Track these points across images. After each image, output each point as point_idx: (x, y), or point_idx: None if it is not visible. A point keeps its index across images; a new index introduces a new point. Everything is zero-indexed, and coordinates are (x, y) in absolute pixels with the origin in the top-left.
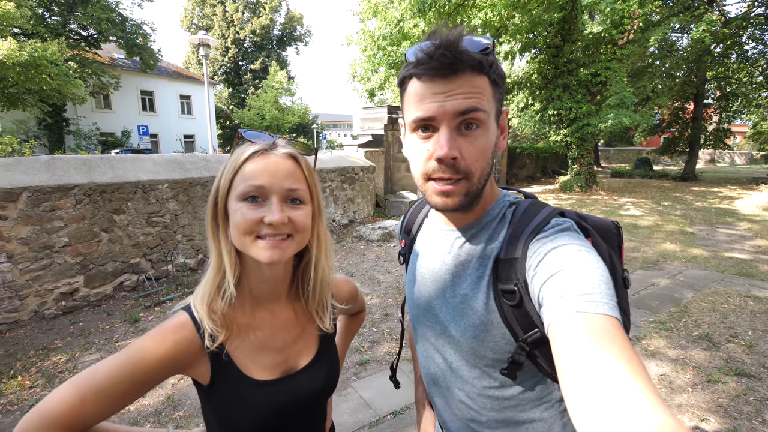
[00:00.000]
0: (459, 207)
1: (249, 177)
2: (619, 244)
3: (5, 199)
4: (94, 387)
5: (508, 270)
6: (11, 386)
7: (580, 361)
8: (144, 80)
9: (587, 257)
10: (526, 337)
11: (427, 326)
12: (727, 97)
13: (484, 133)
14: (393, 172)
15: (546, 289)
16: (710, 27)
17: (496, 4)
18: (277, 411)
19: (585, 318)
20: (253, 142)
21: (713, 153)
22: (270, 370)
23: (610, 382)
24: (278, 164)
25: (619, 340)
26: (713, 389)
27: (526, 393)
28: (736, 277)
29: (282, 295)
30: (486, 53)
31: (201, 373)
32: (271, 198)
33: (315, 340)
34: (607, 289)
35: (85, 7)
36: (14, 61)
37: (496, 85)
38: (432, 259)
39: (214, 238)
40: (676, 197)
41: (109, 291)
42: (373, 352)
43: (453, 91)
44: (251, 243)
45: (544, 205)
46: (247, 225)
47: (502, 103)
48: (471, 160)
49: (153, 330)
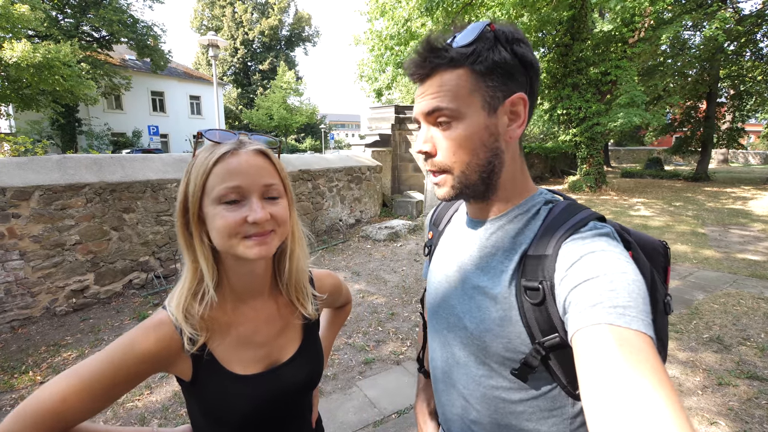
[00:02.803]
0: (455, 197)
1: (224, 179)
2: (665, 266)
3: (18, 198)
4: (75, 386)
5: (535, 267)
6: (23, 381)
7: (607, 379)
8: (154, 81)
9: (626, 267)
10: (543, 340)
11: (442, 318)
12: (741, 95)
13: (459, 127)
14: (400, 172)
15: (575, 295)
16: (723, 24)
17: (505, 3)
18: (262, 405)
19: (616, 332)
20: (216, 143)
21: (726, 153)
22: (253, 365)
23: (639, 406)
24: (250, 162)
25: (651, 360)
26: (724, 392)
27: (536, 401)
28: (748, 278)
29: (264, 290)
30: (469, 45)
31: (183, 371)
32: (250, 197)
33: (298, 334)
34: (643, 304)
35: (97, 10)
36: (28, 62)
37: (482, 74)
38: (456, 250)
39: (187, 244)
40: (687, 198)
41: (119, 288)
42: (378, 351)
43: (424, 93)
44: (237, 243)
45: (583, 207)
46: (231, 228)
47: (509, 89)
48: (445, 155)
49: (134, 328)
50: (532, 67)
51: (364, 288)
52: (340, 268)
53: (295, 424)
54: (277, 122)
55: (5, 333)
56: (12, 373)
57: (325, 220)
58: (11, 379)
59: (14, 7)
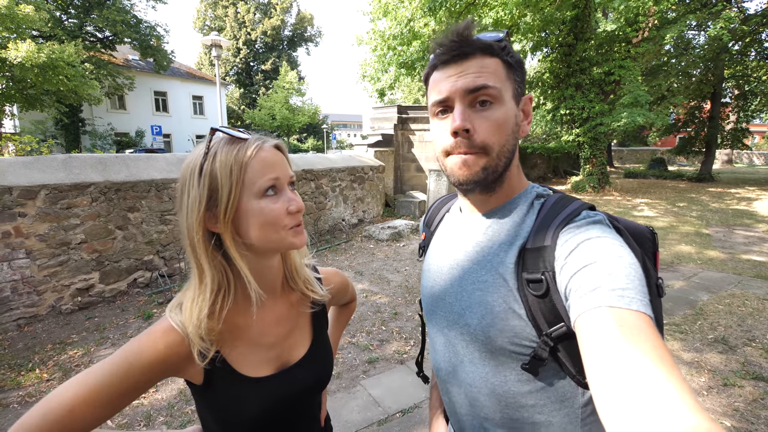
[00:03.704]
0: (478, 180)
1: (264, 171)
2: (654, 252)
3: (24, 197)
4: (83, 395)
5: (535, 259)
6: (29, 378)
7: (610, 359)
8: (157, 81)
9: (621, 251)
10: (550, 331)
11: (441, 316)
12: (746, 95)
13: (500, 109)
14: (403, 172)
15: (576, 281)
16: (728, 24)
17: (508, 3)
18: (273, 406)
19: (616, 313)
20: (241, 138)
21: (731, 153)
22: (264, 366)
23: (643, 382)
24: (276, 156)
25: (652, 338)
26: (729, 393)
27: (545, 392)
28: (753, 279)
29: (277, 288)
30: (500, 40)
31: (193, 375)
32: (284, 188)
33: (308, 334)
34: (640, 285)
35: (101, 10)
36: (33, 63)
37: (511, 67)
38: (451, 246)
39: (207, 255)
40: (691, 198)
41: (124, 287)
42: (382, 350)
43: (464, 72)
44: (286, 234)
45: (574, 199)
46: (279, 219)
47: (523, 89)
48: (486, 134)
49: (142, 334)
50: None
51: (368, 288)
52: (343, 267)
53: (305, 423)
54: (279, 122)
55: (12, 331)
56: (19, 370)
57: (328, 219)
58: (18, 377)
59: (19, 7)
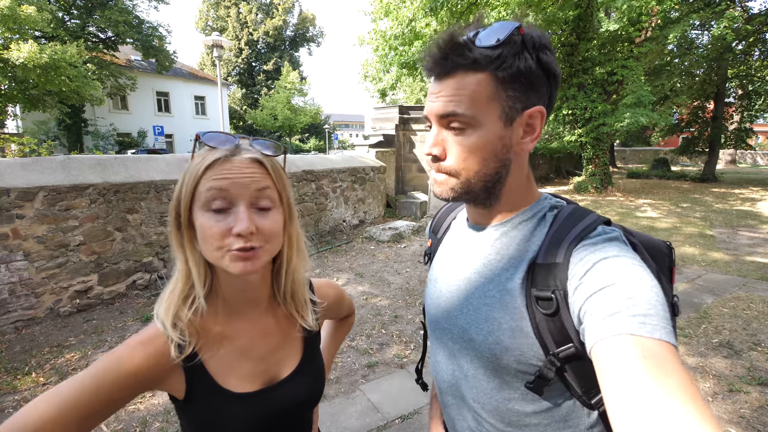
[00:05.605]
0: (453, 198)
1: (212, 185)
2: (670, 267)
3: (22, 199)
4: (50, 415)
5: (546, 276)
6: (26, 382)
7: (635, 398)
8: (160, 81)
9: (642, 273)
10: (557, 351)
11: (446, 329)
12: (750, 95)
13: (474, 134)
14: (404, 173)
15: (592, 304)
16: (732, 24)
17: (510, 3)
18: (259, 425)
19: (638, 342)
20: (213, 147)
21: (734, 153)
22: (250, 381)
23: (671, 426)
24: (243, 170)
25: (677, 372)
26: (735, 399)
27: (551, 412)
28: (758, 281)
29: (261, 302)
30: (495, 47)
31: (175, 387)
32: (237, 205)
33: (298, 349)
34: (663, 311)
35: (103, 10)
36: (35, 63)
37: (504, 82)
38: (457, 258)
39: (179, 247)
40: (695, 199)
41: (122, 289)
42: (381, 354)
43: (440, 93)
44: (223, 256)
45: (589, 212)
46: (216, 240)
47: (529, 101)
48: (455, 162)
49: (121, 345)
50: (554, 78)
51: (368, 290)
52: (344, 269)
53: None
54: (281, 122)
55: (9, 334)
56: (15, 374)
57: (329, 220)
58: (14, 381)
59: (21, 8)
